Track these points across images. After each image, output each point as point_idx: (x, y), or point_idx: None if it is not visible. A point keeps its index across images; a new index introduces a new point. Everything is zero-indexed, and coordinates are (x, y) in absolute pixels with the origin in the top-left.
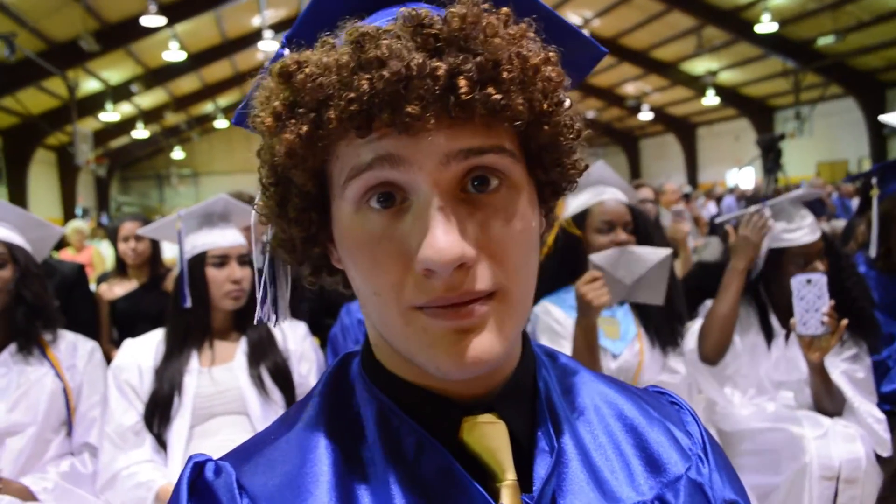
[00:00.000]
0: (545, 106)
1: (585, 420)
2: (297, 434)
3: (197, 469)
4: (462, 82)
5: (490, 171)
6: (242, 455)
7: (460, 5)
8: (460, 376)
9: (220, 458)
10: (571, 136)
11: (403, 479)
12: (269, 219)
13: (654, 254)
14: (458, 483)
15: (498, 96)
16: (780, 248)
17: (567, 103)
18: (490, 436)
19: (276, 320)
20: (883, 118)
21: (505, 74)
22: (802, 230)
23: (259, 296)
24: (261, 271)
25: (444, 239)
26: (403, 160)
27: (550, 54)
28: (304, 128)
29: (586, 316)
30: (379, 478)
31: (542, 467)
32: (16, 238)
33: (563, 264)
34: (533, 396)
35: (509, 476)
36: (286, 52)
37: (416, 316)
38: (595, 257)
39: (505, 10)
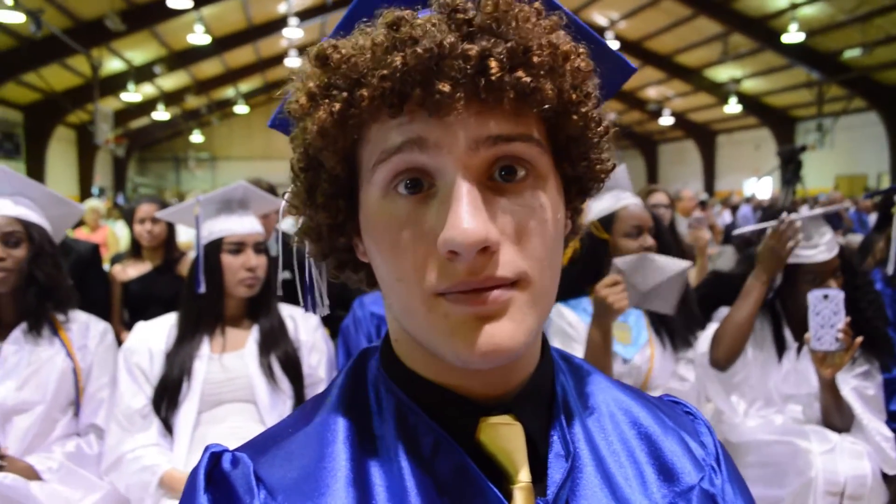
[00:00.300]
0: (573, 95)
1: (600, 426)
2: (315, 428)
3: (214, 459)
4: (493, 64)
5: (517, 161)
6: (259, 447)
7: None
8: (479, 365)
9: (237, 449)
10: (599, 130)
11: (419, 477)
12: (299, 207)
13: (673, 264)
14: (473, 483)
15: (528, 79)
16: (795, 263)
17: (595, 97)
18: (506, 437)
19: (314, 309)
20: None
21: (535, 59)
22: (819, 248)
23: (299, 286)
24: (292, 263)
25: (468, 220)
26: (433, 144)
27: (580, 48)
28: (337, 106)
29: (604, 319)
30: (395, 474)
31: (557, 471)
32: (34, 216)
33: (585, 270)
34: (550, 400)
35: (524, 478)
36: (323, 42)
37: (437, 302)
38: (618, 261)
39: (537, 3)
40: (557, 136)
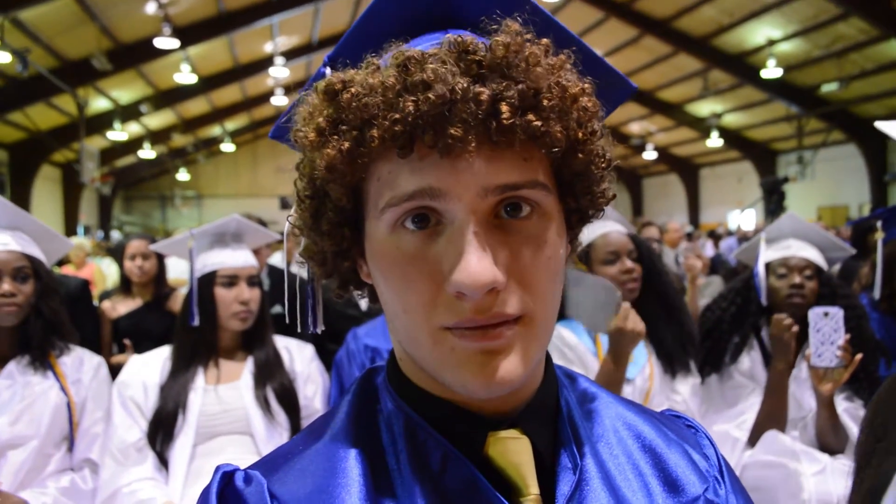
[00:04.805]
0: (580, 134)
1: (606, 440)
2: (325, 445)
3: (226, 479)
4: (504, 108)
5: (523, 200)
6: (271, 464)
7: (504, 34)
8: (486, 395)
9: (249, 468)
10: (603, 164)
11: (429, 492)
12: (303, 230)
13: (599, 281)
14: (482, 496)
15: (538, 123)
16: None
17: (600, 133)
18: (514, 451)
19: (314, 328)
20: (879, 125)
21: (545, 102)
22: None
23: (296, 305)
24: (283, 282)
25: (477, 264)
26: (444, 193)
27: (586, 86)
28: (346, 144)
29: (628, 348)
30: (406, 489)
31: (565, 484)
32: (36, 251)
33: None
34: (555, 415)
35: (532, 491)
36: (328, 70)
37: (444, 336)
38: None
39: (545, 41)
40: (562, 173)
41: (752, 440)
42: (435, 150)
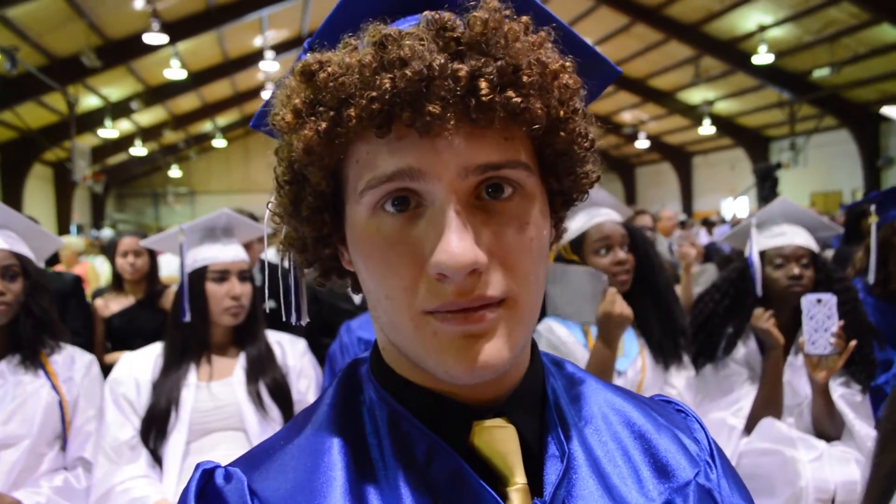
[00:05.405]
0: (562, 112)
1: (594, 427)
2: (307, 439)
3: (206, 476)
4: (483, 84)
5: (505, 181)
6: (252, 461)
7: (483, 10)
8: (469, 381)
9: (229, 465)
10: (586, 144)
11: (415, 483)
12: (283, 218)
13: (584, 270)
14: (468, 487)
15: (518, 99)
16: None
17: (582, 112)
18: (500, 440)
19: (298, 320)
20: (885, 110)
21: (525, 78)
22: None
23: (280, 301)
24: (276, 277)
25: (458, 244)
26: (423, 173)
27: (567, 63)
28: (324, 125)
29: (614, 332)
30: (390, 482)
31: (552, 472)
32: (25, 249)
33: None
34: (542, 402)
35: (519, 480)
36: (308, 56)
37: (426, 320)
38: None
39: (525, 18)
40: (544, 153)
41: (749, 428)
42: (413, 130)
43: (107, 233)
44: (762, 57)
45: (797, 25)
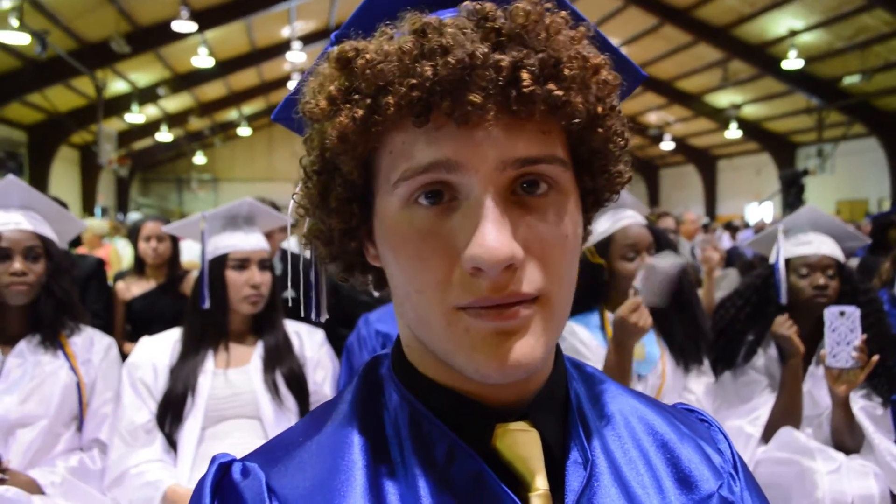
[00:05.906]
0: (600, 109)
1: (616, 434)
2: (327, 436)
3: (222, 470)
4: (525, 75)
5: (541, 177)
6: (270, 456)
7: (524, 2)
8: (500, 380)
9: (246, 459)
10: (621, 143)
11: (435, 485)
12: (309, 209)
13: (670, 262)
14: (489, 490)
15: (559, 93)
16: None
17: (618, 110)
18: (523, 444)
19: (318, 316)
20: None
21: (566, 72)
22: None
23: (300, 292)
24: (298, 267)
25: (494, 238)
26: (460, 165)
27: (607, 60)
28: (360, 112)
29: (628, 340)
30: (410, 483)
31: (575, 479)
32: (48, 231)
33: (587, 291)
34: (565, 407)
35: (541, 485)
36: (344, 43)
37: (458, 316)
38: (637, 285)
39: (564, 13)
40: (579, 150)
41: (766, 436)
42: (451, 120)
43: (134, 216)
44: (792, 62)
45: (828, 31)
